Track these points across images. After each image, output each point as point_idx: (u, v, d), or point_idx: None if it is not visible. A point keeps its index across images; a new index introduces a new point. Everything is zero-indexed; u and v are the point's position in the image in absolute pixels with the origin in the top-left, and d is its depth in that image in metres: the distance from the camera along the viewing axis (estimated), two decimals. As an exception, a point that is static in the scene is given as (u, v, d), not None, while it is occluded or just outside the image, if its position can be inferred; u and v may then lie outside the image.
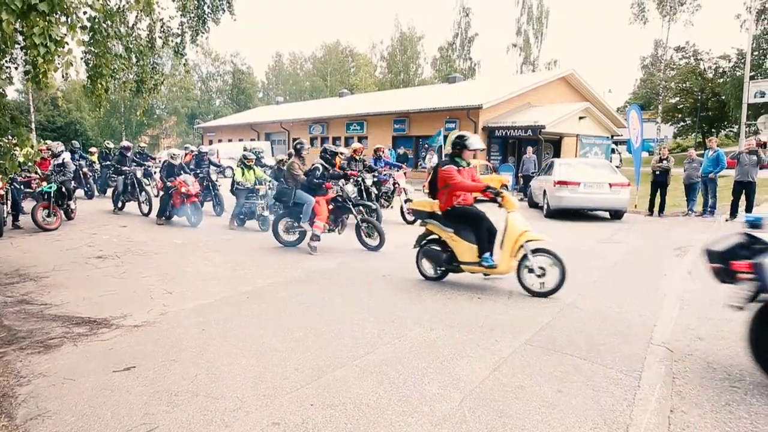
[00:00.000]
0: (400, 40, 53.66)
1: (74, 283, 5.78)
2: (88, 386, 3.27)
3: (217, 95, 58.27)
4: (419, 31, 57.33)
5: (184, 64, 7.34)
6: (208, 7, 8.05)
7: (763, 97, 16.78)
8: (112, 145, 16.42)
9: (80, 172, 14.68)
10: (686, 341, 4.10)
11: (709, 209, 11.67)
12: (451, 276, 6.06)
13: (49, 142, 12.65)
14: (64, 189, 9.60)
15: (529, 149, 17.19)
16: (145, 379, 3.37)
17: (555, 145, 21.98)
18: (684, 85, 35.76)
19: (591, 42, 76.49)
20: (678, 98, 37.08)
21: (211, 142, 38.82)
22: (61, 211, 9.65)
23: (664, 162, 12.07)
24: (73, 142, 16.31)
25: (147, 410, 2.96)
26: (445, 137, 21.85)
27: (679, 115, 37.70)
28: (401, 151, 21.96)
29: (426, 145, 22.74)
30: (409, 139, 24.50)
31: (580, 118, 21.59)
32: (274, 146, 33.07)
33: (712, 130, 35.67)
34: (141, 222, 10.67)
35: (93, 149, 17.74)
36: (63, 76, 4.79)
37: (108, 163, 14.94)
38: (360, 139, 27.69)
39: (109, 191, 14.51)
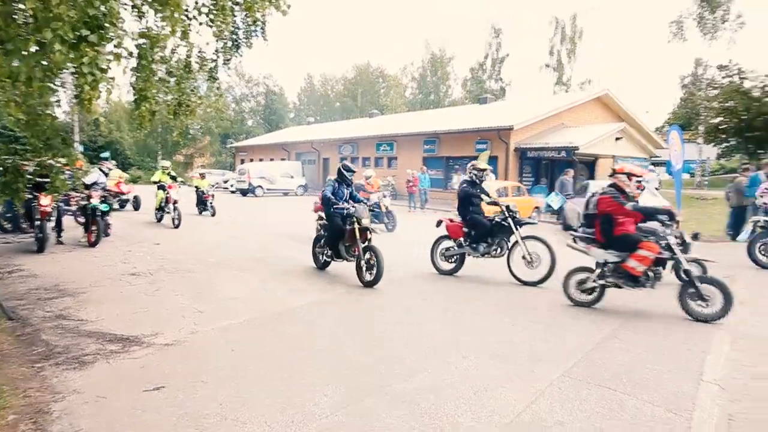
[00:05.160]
0: (430, 61, 54.11)
1: (109, 299, 5.88)
2: (120, 405, 3.26)
3: (250, 115, 59.82)
4: (450, 52, 57.88)
5: (216, 88, 7.53)
6: (243, 32, 8.26)
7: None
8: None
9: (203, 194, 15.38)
10: (742, 379, 3.81)
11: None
12: (487, 302, 5.92)
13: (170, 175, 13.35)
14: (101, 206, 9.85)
15: (570, 171, 16.66)
16: (174, 399, 3.35)
17: (590, 166, 21.49)
18: (728, 104, 34.51)
19: (627, 62, 75.34)
20: (721, 118, 35.78)
21: (242, 161, 39.78)
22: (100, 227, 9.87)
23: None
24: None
25: (175, 433, 2.92)
26: (475, 158, 21.77)
27: (723, 136, 36.31)
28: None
29: (456, 167, 22.65)
30: (439, 159, 24.43)
31: (617, 138, 21.09)
32: (305, 166, 33.58)
33: (759, 151, 34.22)
34: (174, 240, 10.89)
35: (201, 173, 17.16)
36: (106, 101, 4.98)
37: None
38: (390, 160, 27.85)
39: None
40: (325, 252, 7.67)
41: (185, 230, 12.19)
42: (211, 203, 15.67)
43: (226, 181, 32.39)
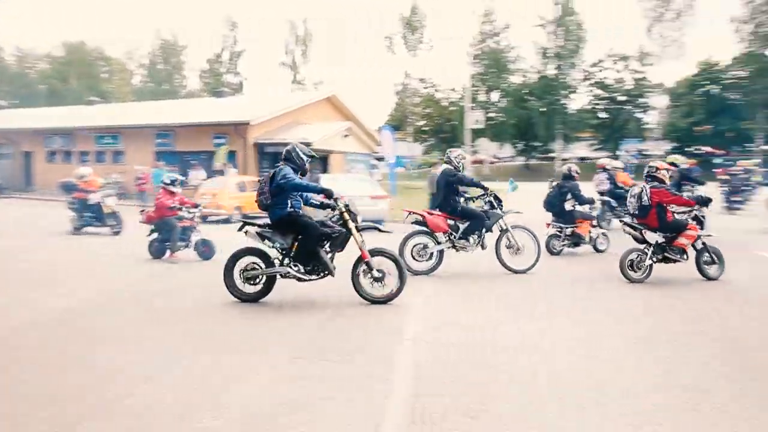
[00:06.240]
0: (162, 47, 49.67)
1: None
2: None
3: None
4: (183, 40, 53.95)
5: None
6: None
7: (479, 124, 21.24)
8: None
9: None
10: (429, 331, 4.87)
11: None
12: (219, 298, 5.93)
13: None
14: None
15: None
16: None
17: (323, 161, 23.28)
18: (427, 110, 42.56)
19: (355, 65, 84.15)
20: (424, 122, 43.89)
21: None
22: None
23: None
24: None
25: None
26: (213, 153, 21.13)
27: (425, 136, 44.54)
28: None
29: (193, 162, 21.59)
30: (175, 154, 22.75)
31: (345, 136, 23.41)
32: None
33: (449, 149, 43.24)
34: None
35: None
36: None
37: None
38: (115, 154, 24.63)
39: None
40: (293, 268, 5.55)
41: None
42: None
43: None
